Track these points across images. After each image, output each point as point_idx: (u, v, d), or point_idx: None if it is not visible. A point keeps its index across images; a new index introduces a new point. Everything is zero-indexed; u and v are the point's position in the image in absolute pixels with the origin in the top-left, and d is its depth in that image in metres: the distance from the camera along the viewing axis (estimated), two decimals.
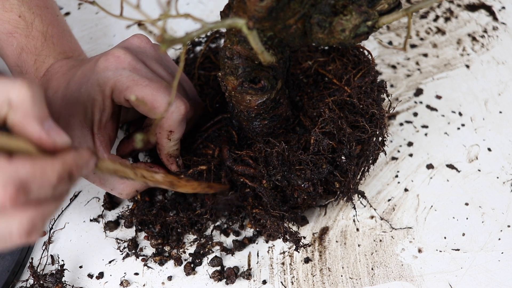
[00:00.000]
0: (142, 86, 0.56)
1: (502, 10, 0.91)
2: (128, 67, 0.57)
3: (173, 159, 0.63)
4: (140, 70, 0.58)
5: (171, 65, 0.65)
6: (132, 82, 0.56)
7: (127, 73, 0.57)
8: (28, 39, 0.65)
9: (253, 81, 0.56)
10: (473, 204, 0.71)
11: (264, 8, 0.46)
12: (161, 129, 0.59)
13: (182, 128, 0.60)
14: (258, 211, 0.64)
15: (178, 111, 0.58)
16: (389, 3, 0.50)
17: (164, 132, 0.60)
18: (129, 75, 0.57)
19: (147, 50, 0.62)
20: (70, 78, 0.61)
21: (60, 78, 0.62)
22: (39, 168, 0.42)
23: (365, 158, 0.63)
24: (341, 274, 0.65)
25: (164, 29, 0.37)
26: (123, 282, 0.64)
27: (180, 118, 0.58)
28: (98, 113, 0.59)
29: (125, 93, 0.57)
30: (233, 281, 0.64)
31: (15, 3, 0.66)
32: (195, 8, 0.90)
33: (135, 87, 0.56)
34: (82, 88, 0.59)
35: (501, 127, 0.78)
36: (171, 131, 0.59)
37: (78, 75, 0.60)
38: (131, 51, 0.59)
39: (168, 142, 0.61)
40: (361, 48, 0.67)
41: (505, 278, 0.64)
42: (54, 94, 0.61)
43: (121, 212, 0.68)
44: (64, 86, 0.61)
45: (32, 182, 0.41)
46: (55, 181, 0.42)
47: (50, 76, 0.63)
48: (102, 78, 0.57)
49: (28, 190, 0.41)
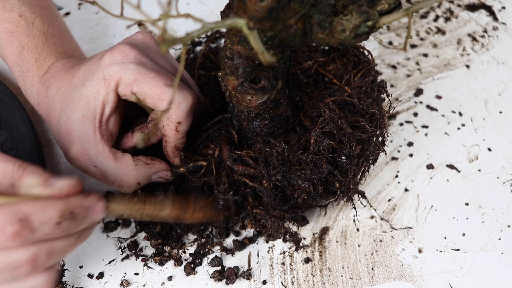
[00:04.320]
0: (149, 78, 0.57)
1: (502, 10, 0.91)
2: (135, 61, 0.58)
3: (178, 152, 0.64)
4: (146, 64, 0.58)
5: (174, 61, 0.66)
6: (139, 75, 0.57)
7: (133, 66, 0.57)
8: (29, 38, 0.65)
9: (254, 81, 0.56)
10: (473, 204, 0.71)
11: (264, 8, 0.46)
12: (169, 121, 0.60)
13: (189, 119, 0.61)
14: (258, 211, 0.64)
15: (186, 101, 0.58)
16: (389, 3, 0.50)
17: (172, 124, 0.60)
18: (136, 68, 0.57)
19: (151, 45, 0.62)
20: (74, 74, 0.61)
21: (63, 75, 0.62)
22: (40, 205, 0.45)
23: (365, 158, 0.63)
24: (341, 274, 0.65)
25: (164, 29, 0.37)
26: (123, 282, 0.64)
27: (188, 109, 0.59)
28: (100, 106, 0.59)
29: (132, 86, 0.57)
30: (233, 281, 0.64)
31: (16, 2, 0.66)
32: (195, 8, 0.90)
33: (142, 79, 0.57)
34: (86, 82, 0.59)
35: (501, 127, 0.78)
36: (180, 122, 0.60)
37: (82, 70, 0.61)
38: (136, 46, 0.59)
39: (176, 134, 0.61)
40: (361, 48, 0.67)
41: (505, 278, 0.64)
42: (57, 91, 0.62)
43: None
44: (68, 81, 0.61)
45: (34, 217, 0.44)
46: (56, 217, 0.45)
47: (52, 74, 0.63)
48: (108, 72, 0.58)
49: (31, 226, 0.44)
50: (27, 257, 0.45)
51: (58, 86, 0.62)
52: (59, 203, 0.46)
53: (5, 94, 0.72)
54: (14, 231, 0.43)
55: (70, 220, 0.46)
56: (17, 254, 0.44)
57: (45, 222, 0.44)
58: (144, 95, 0.58)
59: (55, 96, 0.62)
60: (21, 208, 0.44)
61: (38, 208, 0.45)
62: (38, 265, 0.46)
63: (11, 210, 0.44)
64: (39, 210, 0.45)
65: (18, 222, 0.43)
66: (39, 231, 0.44)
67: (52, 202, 0.45)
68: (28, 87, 0.65)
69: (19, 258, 0.45)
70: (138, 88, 0.57)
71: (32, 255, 0.45)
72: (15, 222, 0.43)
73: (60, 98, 0.61)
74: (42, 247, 0.46)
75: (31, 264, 0.45)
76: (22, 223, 0.43)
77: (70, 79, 0.61)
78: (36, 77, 0.64)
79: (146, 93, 0.57)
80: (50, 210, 0.45)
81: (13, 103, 0.72)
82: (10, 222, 0.43)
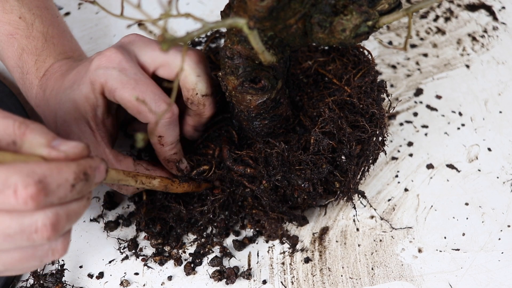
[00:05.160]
0: (129, 88, 0.56)
1: (502, 10, 0.91)
2: (118, 67, 0.57)
3: (172, 164, 0.63)
4: (128, 70, 0.57)
5: None
6: (119, 84, 0.56)
7: (115, 74, 0.57)
8: (28, 40, 0.65)
9: (254, 81, 0.56)
10: (473, 204, 0.71)
11: (264, 7, 0.46)
12: (150, 135, 0.59)
13: (173, 132, 0.59)
14: (257, 211, 0.64)
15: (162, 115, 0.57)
16: (389, 3, 0.50)
17: (154, 137, 0.60)
18: (118, 75, 0.57)
19: (137, 41, 0.61)
20: (66, 76, 0.61)
21: (59, 78, 0.62)
22: (55, 167, 0.42)
23: (365, 158, 0.63)
24: (341, 274, 0.65)
25: (165, 29, 0.37)
26: (123, 282, 0.64)
27: (167, 122, 0.58)
28: (91, 109, 0.59)
29: (114, 94, 0.57)
30: (233, 281, 0.64)
31: (15, 4, 0.66)
32: (195, 8, 0.90)
33: (122, 89, 0.56)
34: (75, 86, 0.59)
35: (501, 127, 0.78)
36: (160, 136, 0.59)
37: (73, 73, 0.60)
38: (122, 50, 0.59)
39: (162, 147, 0.61)
40: (361, 48, 0.67)
41: (505, 278, 0.64)
42: (50, 93, 0.62)
43: (121, 212, 0.68)
44: (60, 84, 0.61)
45: (50, 179, 0.41)
46: (72, 179, 0.43)
47: (49, 76, 0.63)
48: (94, 76, 0.57)
49: (48, 189, 0.41)
50: (49, 220, 0.42)
51: (52, 88, 0.62)
52: (73, 164, 0.43)
53: (5, 94, 0.72)
54: (30, 193, 0.40)
55: (83, 181, 0.44)
56: (34, 217, 0.42)
57: (61, 185, 0.42)
58: (125, 105, 0.57)
59: (49, 98, 0.61)
60: (36, 169, 0.41)
61: (54, 169, 0.42)
62: (59, 228, 0.43)
63: (25, 170, 0.40)
64: (55, 172, 0.42)
65: (34, 184, 0.40)
66: (55, 194, 0.42)
67: (67, 164, 0.43)
68: (28, 89, 0.65)
69: (38, 221, 0.42)
70: (119, 98, 0.57)
71: (53, 218, 0.42)
72: (31, 184, 0.40)
73: (53, 100, 0.61)
74: (61, 210, 0.43)
75: (52, 227, 0.42)
76: (38, 186, 0.40)
77: (62, 81, 0.61)
78: (35, 79, 0.64)
79: (126, 104, 0.57)
80: (65, 172, 0.42)
81: (13, 103, 0.72)
82: (25, 184, 0.40)
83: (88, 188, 0.45)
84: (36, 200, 0.41)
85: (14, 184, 0.40)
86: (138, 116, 0.58)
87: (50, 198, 0.42)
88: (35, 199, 0.40)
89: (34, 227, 0.42)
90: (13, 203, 0.40)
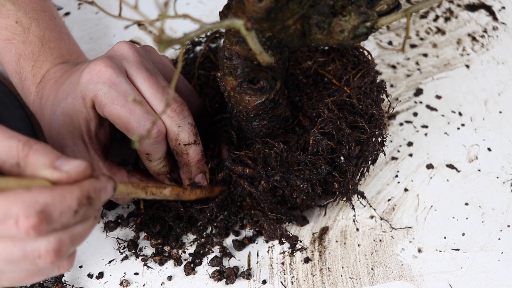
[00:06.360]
0: (118, 106, 0.56)
1: (502, 10, 0.91)
2: (108, 82, 0.56)
3: (163, 176, 0.63)
4: (118, 86, 0.57)
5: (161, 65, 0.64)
6: (109, 100, 0.56)
7: (105, 89, 0.56)
8: (25, 45, 0.65)
9: (252, 81, 0.56)
10: (473, 204, 0.71)
11: (262, 8, 0.46)
12: (138, 152, 0.60)
13: (160, 149, 0.60)
14: (256, 212, 0.64)
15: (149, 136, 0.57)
16: (388, 4, 0.50)
17: (142, 154, 0.60)
18: (107, 91, 0.56)
19: (129, 57, 0.60)
20: (60, 86, 0.61)
21: (52, 86, 0.62)
22: (58, 195, 0.42)
23: (364, 158, 0.63)
24: (341, 274, 0.65)
25: (162, 30, 0.37)
26: (123, 282, 0.64)
27: (154, 142, 0.58)
28: (84, 123, 0.59)
29: (103, 110, 0.57)
30: (233, 281, 0.64)
31: (12, 8, 0.66)
32: (195, 8, 0.90)
33: (111, 106, 0.56)
34: (68, 99, 0.59)
35: (501, 127, 0.78)
36: (148, 153, 0.60)
37: (66, 84, 0.60)
38: (113, 63, 0.58)
39: (150, 162, 0.61)
40: (360, 48, 0.67)
41: (505, 278, 0.64)
42: (46, 103, 0.61)
43: (121, 212, 0.68)
44: (54, 94, 0.61)
45: (53, 208, 0.41)
46: (75, 206, 0.42)
47: (45, 83, 0.63)
48: (84, 91, 0.57)
49: (50, 218, 0.41)
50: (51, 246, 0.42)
51: (47, 98, 0.61)
52: (76, 190, 0.43)
53: (5, 94, 0.73)
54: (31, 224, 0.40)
55: (87, 206, 0.43)
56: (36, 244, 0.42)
57: (64, 212, 0.42)
58: (113, 121, 0.57)
59: (45, 108, 0.61)
60: (38, 198, 0.40)
61: (57, 197, 0.41)
62: (63, 253, 0.43)
63: (26, 199, 0.40)
64: (58, 200, 0.41)
65: (36, 215, 0.40)
66: (58, 222, 0.42)
67: (69, 190, 0.42)
68: (26, 95, 0.65)
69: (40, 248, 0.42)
70: (108, 114, 0.57)
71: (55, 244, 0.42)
72: (33, 214, 0.40)
73: (48, 111, 0.61)
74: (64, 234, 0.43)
75: (55, 253, 0.42)
76: (40, 216, 0.40)
77: (56, 91, 0.61)
78: (32, 86, 0.64)
79: (114, 121, 0.57)
80: (68, 198, 0.42)
81: (13, 103, 0.72)
82: (26, 215, 0.40)
83: (93, 211, 0.45)
84: (38, 230, 0.41)
85: (15, 215, 0.40)
86: (126, 133, 0.58)
87: (53, 226, 0.42)
88: (37, 229, 0.40)
89: (37, 253, 0.42)
90: (15, 233, 0.41)
